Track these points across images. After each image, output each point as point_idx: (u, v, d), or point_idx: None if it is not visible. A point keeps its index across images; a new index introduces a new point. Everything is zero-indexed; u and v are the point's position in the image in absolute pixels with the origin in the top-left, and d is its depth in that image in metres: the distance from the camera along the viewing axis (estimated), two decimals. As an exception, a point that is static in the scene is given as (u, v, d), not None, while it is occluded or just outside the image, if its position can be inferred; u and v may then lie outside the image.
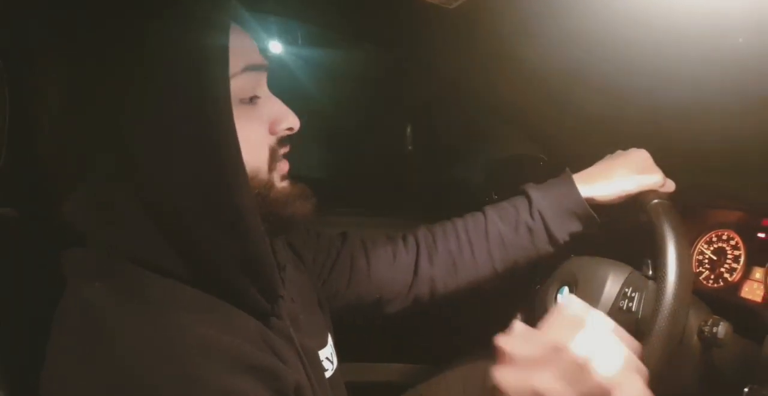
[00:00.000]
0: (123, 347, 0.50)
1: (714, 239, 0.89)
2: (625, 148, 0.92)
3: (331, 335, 0.81)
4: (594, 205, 0.86)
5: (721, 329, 0.72)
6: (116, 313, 0.52)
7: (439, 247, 0.91)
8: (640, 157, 0.87)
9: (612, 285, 0.81)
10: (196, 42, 0.54)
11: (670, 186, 0.86)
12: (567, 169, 0.91)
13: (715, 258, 0.88)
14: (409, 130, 1.61)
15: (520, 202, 0.90)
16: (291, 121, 0.65)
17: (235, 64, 0.57)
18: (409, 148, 1.63)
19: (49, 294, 0.57)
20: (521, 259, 0.90)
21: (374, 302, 0.91)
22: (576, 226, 0.87)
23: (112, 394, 0.48)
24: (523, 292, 0.95)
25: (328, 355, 0.77)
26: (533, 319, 0.94)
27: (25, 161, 0.64)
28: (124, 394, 0.48)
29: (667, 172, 0.86)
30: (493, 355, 0.57)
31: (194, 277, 0.57)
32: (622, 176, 0.85)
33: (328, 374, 0.75)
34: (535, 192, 0.89)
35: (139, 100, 0.53)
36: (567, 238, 0.87)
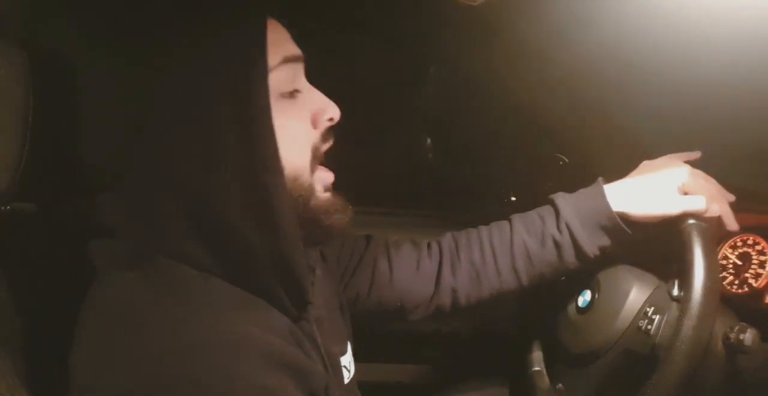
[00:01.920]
0: (160, 339, 0.50)
1: (739, 244, 0.87)
2: (648, 150, 0.90)
3: (351, 343, 0.81)
4: (626, 220, 0.81)
5: (749, 336, 0.70)
6: (152, 305, 0.53)
7: (462, 257, 0.89)
8: (684, 174, 0.80)
9: (634, 300, 0.80)
10: (234, 37, 0.54)
11: (714, 209, 0.78)
12: (600, 178, 0.86)
13: (740, 263, 0.86)
14: (429, 141, 1.61)
15: (548, 213, 0.86)
16: (332, 112, 0.64)
17: (273, 57, 0.57)
18: (429, 155, 1.63)
19: (73, 285, 0.58)
20: (547, 272, 0.86)
21: (395, 309, 0.90)
22: (606, 241, 0.83)
23: (148, 386, 0.48)
24: (546, 288, 0.93)
25: (346, 363, 0.76)
26: (553, 317, 0.93)
27: (50, 157, 0.64)
28: (161, 387, 0.48)
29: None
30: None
31: (227, 274, 0.57)
32: (663, 196, 0.79)
33: (345, 382, 0.75)
34: (563, 203, 0.84)
35: (178, 97, 0.54)
36: (597, 253, 0.83)
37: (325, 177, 0.65)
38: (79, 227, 0.63)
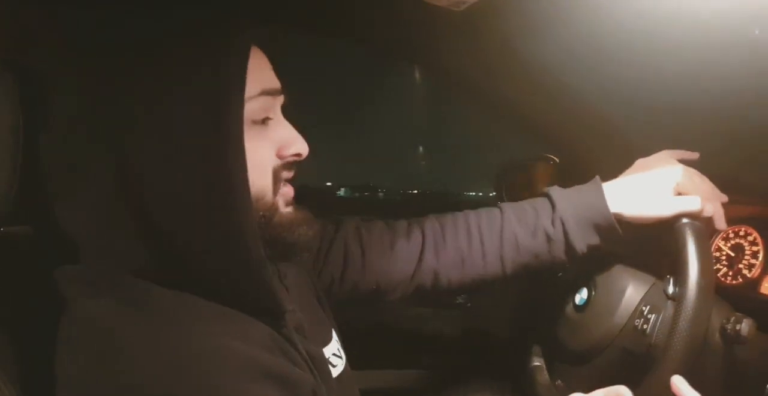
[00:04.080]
0: (139, 362, 0.50)
1: (731, 235, 0.88)
2: (638, 146, 0.91)
3: (336, 330, 0.80)
4: (620, 220, 0.81)
5: (745, 326, 0.70)
6: (127, 328, 0.52)
7: (448, 240, 0.88)
8: (678, 174, 0.80)
9: (630, 299, 0.80)
10: (214, 66, 0.54)
11: (708, 209, 0.78)
12: (597, 177, 0.85)
13: (733, 254, 0.87)
14: (421, 149, 1.62)
15: (542, 206, 0.85)
16: (300, 148, 0.64)
17: (252, 87, 0.57)
18: (422, 163, 1.64)
19: (49, 312, 0.57)
20: (533, 264, 0.86)
21: (372, 291, 0.88)
22: (596, 240, 0.83)
23: None
24: (542, 283, 0.93)
25: (335, 351, 0.76)
26: (551, 314, 0.93)
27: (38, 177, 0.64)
28: None
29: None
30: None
31: (201, 290, 0.56)
32: (658, 197, 0.79)
33: (336, 372, 0.74)
34: (560, 198, 0.84)
35: (148, 117, 0.53)
36: (585, 250, 0.83)
37: (286, 192, 0.65)
38: (57, 249, 0.62)
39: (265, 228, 0.60)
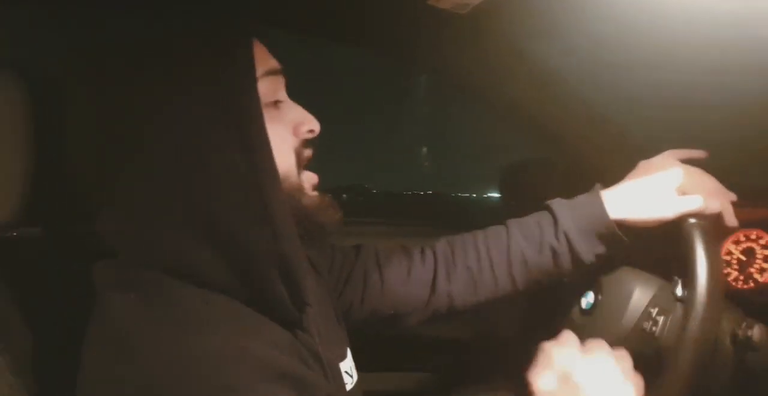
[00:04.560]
0: (159, 360, 0.51)
1: (742, 239, 0.87)
2: (644, 148, 0.90)
3: (349, 348, 0.81)
4: (624, 226, 0.81)
5: (756, 332, 0.70)
6: (152, 326, 0.53)
7: (458, 263, 0.89)
8: (679, 174, 0.80)
9: (638, 302, 0.79)
10: (224, 56, 0.57)
11: (713, 206, 0.77)
12: (597, 184, 0.85)
13: (744, 258, 0.86)
14: (425, 150, 1.62)
15: (545, 220, 0.86)
16: (312, 124, 0.67)
17: (257, 69, 0.59)
18: (426, 164, 1.64)
19: (79, 308, 0.59)
20: (543, 278, 0.87)
21: (390, 317, 0.90)
22: (602, 249, 0.83)
23: None
24: (548, 288, 0.93)
25: (347, 369, 0.76)
26: (554, 318, 0.93)
27: (53, 179, 0.65)
28: None
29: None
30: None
31: (227, 282, 0.58)
32: (659, 199, 0.79)
33: (348, 387, 0.74)
34: (561, 211, 0.84)
35: (173, 107, 0.55)
36: (593, 260, 0.83)
37: (310, 177, 0.68)
38: (83, 250, 0.64)
39: (295, 208, 0.63)
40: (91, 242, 0.61)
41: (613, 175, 0.87)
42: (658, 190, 0.79)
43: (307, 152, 0.67)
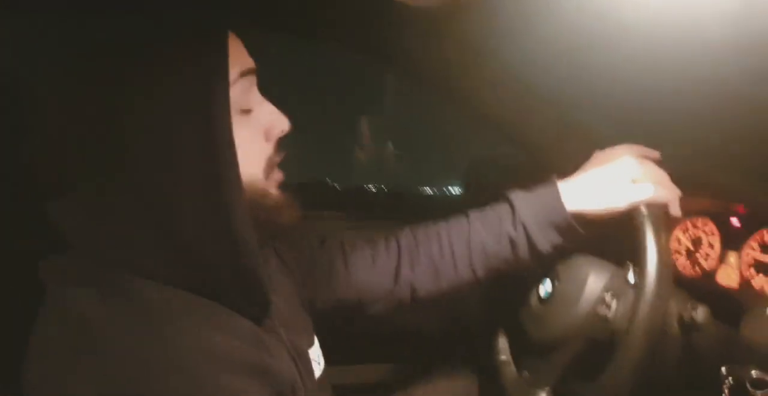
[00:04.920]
0: (121, 355, 0.50)
1: (690, 227, 0.91)
2: (602, 142, 0.93)
3: (316, 336, 0.82)
4: (580, 217, 0.83)
5: (700, 313, 0.73)
6: (108, 321, 0.52)
7: (421, 252, 0.91)
8: (630, 164, 0.83)
9: (592, 287, 0.82)
10: (197, 55, 0.56)
11: (662, 195, 0.80)
12: (554, 176, 0.88)
13: (691, 246, 0.90)
14: (390, 144, 1.63)
15: (504, 210, 0.88)
16: (283, 124, 0.67)
17: (231, 71, 0.59)
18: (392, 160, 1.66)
19: (24, 303, 0.57)
20: (503, 267, 0.89)
21: (354, 305, 0.92)
22: (558, 239, 0.85)
23: None
24: (506, 278, 0.95)
25: (315, 356, 0.78)
26: (516, 308, 0.96)
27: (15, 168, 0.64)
28: None
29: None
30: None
31: (185, 281, 0.57)
32: (610, 189, 0.82)
33: (316, 374, 0.76)
34: (519, 201, 0.87)
35: (140, 107, 0.54)
36: (549, 250, 0.86)
37: (276, 176, 0.68)
38: (31, 242, 0.63)
39: (255, 210, 0.62)
40: (44, 236, 0.60)
41: (574, 168, 0.90)
42: (611, 181, 0.82)
43: (278, 156, 0.68)
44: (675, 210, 0.82)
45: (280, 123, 0.66)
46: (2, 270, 0.68)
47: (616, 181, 0.82)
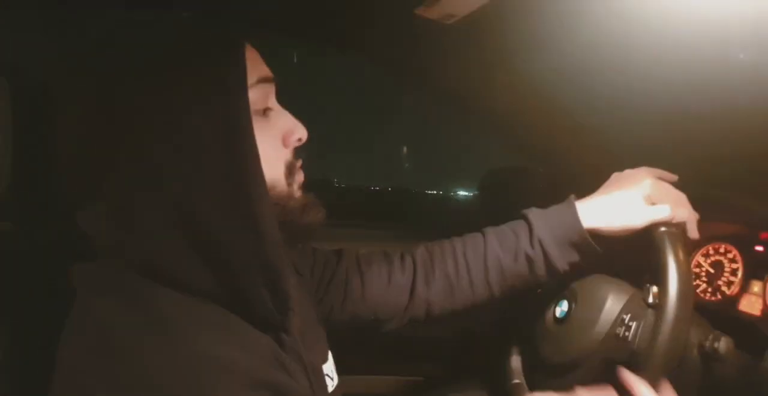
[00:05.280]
0: (139, 366, 0.50)
1: (711, 252, 0.89)
2: (622, 160, 0.92)
3: (330, 351, 0.82)
4: (597, 235, 0.83)
5: (723, 345, 0.72)
6: (129, 331, 0.53)
7: (437, 269, 0.90)
8: (648, 185, 0.82)
9: (611, 309, 0.81)
10: (217, 60, 0.58)
11: (680, 215, 0.79)
12: (572, 195, 0.87)
13: (712, 271, 0.88)
14: (405, 149, 1.63)
15: (521, 228, 0.87)
16: (301, 132, 0.67)
17: (249, 76, 0.60)
18: (406, 165, 1.66)
19: (55, 307, 0.58)
20: (519, 285, 0.88)
21: (369, 321, 0.91)
22: (575, 257, 0.85)
23: None
24: (523, 297, 0.94)
25: (329, 372, 0.77)
26: (531, 327, 0.94)
27: (33, 176, 0.65)
28: None
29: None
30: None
31: (210, 287, 0.58)
32: (629, 209, 0.81)
33: (329, 390, 0.75)
34: (536, 219, 0.86)
35: (166, 114, 0.55)
36: (567, 268, 0.85)
37: (298, 178, 0.68)
38: (57, 248, 0.64)
39: (280, 213, 0.63)
40: (70, 242, 0.61)
41: (592, 185, 0.89)
42: (629, 200, 0.81)
43: (298, 162, 0.68)
44: (692, 232, 0.81)
45: (298, 130, 0.67)
46: (34, 276, 0.68)
47: (633, 200, 0.81)
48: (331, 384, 0.77)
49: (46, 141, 0.62)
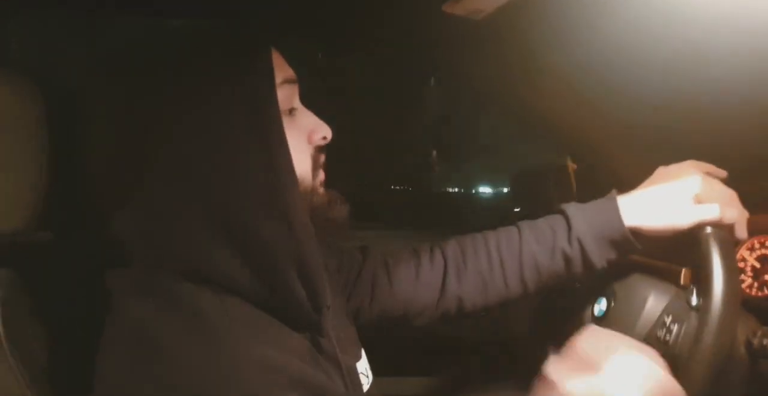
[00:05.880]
0: (180, 367, 0.51)
1: (756, 246, 0.86)
2: (660, 154, 0.89)
3: (363, 349, 0.82)
4: (638, 234, 0.80)
5: (771, 340, 0.70)
6: (171, 333, 0.54)
7: (469, 265, 0.89)
8: (697, 183, 0.77)
9: (651, 309, 0.79)
10: (246, 60, 0.60)
11: (730, 216, 0.74)
12: (613, 190, 0.84)
13: (758, 265, 0.85)
14: (434, 153, 1.63)
15: (559, 224, 0.85)
16: (325, 131, 0.68)
17: (276, 77, 0.61)
18: (436, 168, 1.65)
19: (91, 313, 0.59)
20: (554, 282, 0.86)
21: (399, 318, 0.90)
22: (614, 255, 0.82)
23: None
24: (560, 293, 0.92)
25: (363, 369, 0.77)
26: (568, 325, 0.93)
27: (66, 182, 0.66)
28: None
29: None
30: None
31: (247, 285, 0.59)
32: (675, 207, 0.77)
33: (365, 388, 0.75)
34: (575, 215, 0.83)
35: (195, 112, 0.57)
36: (605, 265, 0.82)
37: (320, 175, 0.70)
38: (94, 254, 0.65)
39: (309, 208, 0.65)
40: (105, 248, 0.62)
41: (628, 180, 0.86)
42: (675, 198, 0.77)
43: (321, 157, 0.69)
44: (741, 232, 0.77)
45: (322, 129, 0.68)
46: (74, 279, 0.70)
47: (679, 198, 0.77)
48: (366, 382, 0.77)
49: (79, 147, 0.63)
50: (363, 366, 0.78)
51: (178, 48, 0.60)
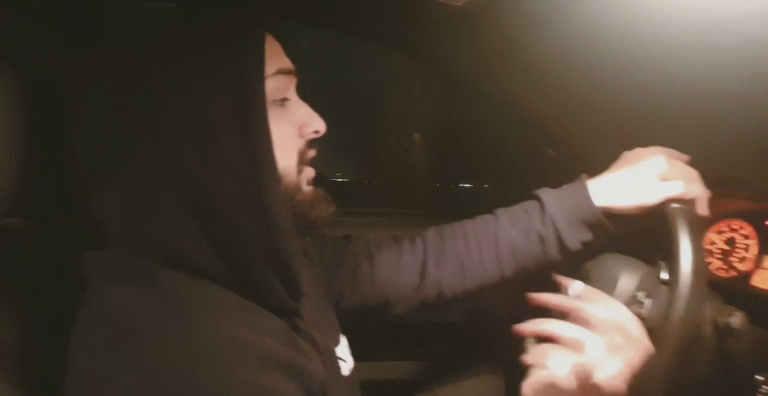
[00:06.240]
0: (158, 349, 0.51)
1: (724, 229, 0.89)
2: (633, 138, 0.91)
3: (343, 334, 0.83)
4: (609, 213, 0.83)
5: (736, 320, 0.72)
6: (146, 315, 0.54)
7: (448, 250, 0.90)
8: (660, 162, 0.81)
9: (625, 287, 0.81)
10: (235, 47, 0.58)
11: (692, 191, 0.79)
12: (583, 174, 0.87)
13: (726, 248, 0.88)
14: (417, 137, 1.63)
15: (533, 207, 0.87)
16: (318, 125, 0.68)
17: (269, 67, 0.61)
18: (418, 152, 1.65)
19: (64, 298, 0.59)
20: (531, 265, 0.88)
21: (380, 305, 0.92)
22: (589, 236, 0.85)
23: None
24: (538, 280, 0.94)
25: (342, 355, 0.78)
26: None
27: (40, 169, 0.65)
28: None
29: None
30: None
31: (223, 273, 0.59)
32: (641, 185, 0.81)
33: (343, 372, 0.76)
34: (548, 199, 0.86)
35: (181, 99, 0.56)
36: (579, 247, 0.85)
37: (308, 172, 0.69)
38: (70, 240, 0.64)
39: (290, 204, 0.64)
40: (82, 232, 0.61)
41: (604, 167, 0.89)
42: (641, 177, 0.81)
43: (311, 152, 0.69)
44: (703, 209, 0.81)
45: (315, 122, 0.67)
46: (45, 264, 0.69)
47: (645, 177, 0.81)
48: (345, 366, 0.78)
49: (57, 132, 0.63)
50: (341, 352, 0.79)
51: (164, 32, 0.59)
